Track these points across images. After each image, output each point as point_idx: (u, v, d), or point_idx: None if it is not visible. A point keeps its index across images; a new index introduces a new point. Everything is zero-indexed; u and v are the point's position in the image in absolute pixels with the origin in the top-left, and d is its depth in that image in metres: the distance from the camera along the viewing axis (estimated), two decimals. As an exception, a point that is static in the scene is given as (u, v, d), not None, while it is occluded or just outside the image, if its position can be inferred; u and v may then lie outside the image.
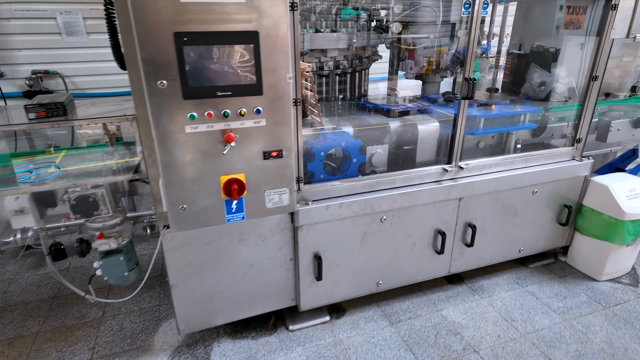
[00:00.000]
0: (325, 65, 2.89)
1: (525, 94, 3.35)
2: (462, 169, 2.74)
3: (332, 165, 2.72)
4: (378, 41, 3.36)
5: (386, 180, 2.59)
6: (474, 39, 2.44)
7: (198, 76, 1.67)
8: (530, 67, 3.35)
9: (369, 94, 3.51)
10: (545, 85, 3.25)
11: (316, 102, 2.89)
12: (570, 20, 3.22)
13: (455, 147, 2.69)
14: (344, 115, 2.96)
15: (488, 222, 2.98)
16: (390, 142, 2.85)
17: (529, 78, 3.33)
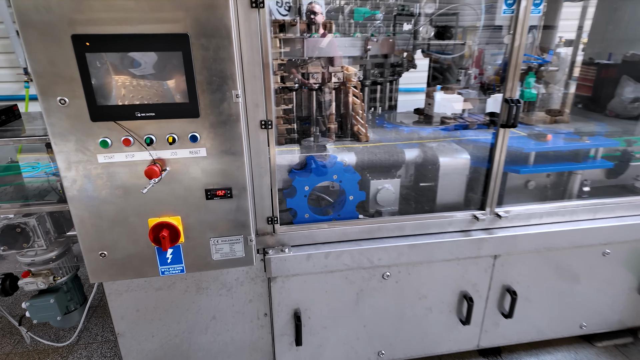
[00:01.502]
0: (333, 76, 2.40)
1: (614, 111, 2.73)
2: (500, 217, 2.07)
3: (328, 200, 2.20)
4: (409, 47, 2.79)
5: (391, 226, 2.01)
6: (520, 48, 1.78)
7: (108, 92, 1.28)
8: (622, 79, 2.73)
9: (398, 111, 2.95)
10: (639, 101, 2.61)
11: (363, 112, 2.38)
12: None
13: (490, 188, 2.03)
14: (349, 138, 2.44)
15: (535, 288, 2.24)
16: (405, 175, 2.26)
17: (619, 93, 2.71)
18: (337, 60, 2.36)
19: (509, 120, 1.86)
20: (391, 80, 2.84)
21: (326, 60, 2.37)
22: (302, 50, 2.25)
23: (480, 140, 2.24)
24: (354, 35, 2.43)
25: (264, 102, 1.63)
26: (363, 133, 2.42)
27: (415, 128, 2.47)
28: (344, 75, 2.44)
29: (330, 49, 2.32)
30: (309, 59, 2.39)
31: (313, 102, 2.52)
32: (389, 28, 2.79)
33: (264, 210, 1.83)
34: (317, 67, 2.38)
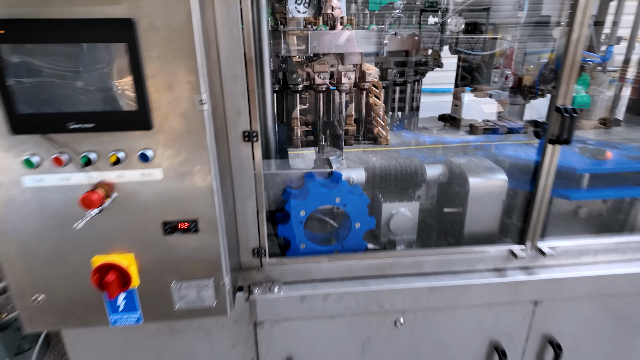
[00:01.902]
0: (343, 77, 2.05)
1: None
2: (544, 254, 1.66)
3: (333, 225, 1.85)
4: (434, 44, 2.41)
5: (407, 263, 1.64)
6: (578, 42, 1.38)
7: (32, 96, 0.97)
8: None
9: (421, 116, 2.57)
10: None
11: (384, 114, 2.11)
12: None
13: (533, 218, 1.62)
14: (361, 147, 2.08)
15: (584, 341, 1.82)
16: (426, 196, 1.88)
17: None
18: (350, 57, 2.01)
19: (561, 134, 1.46)
20: (413, 80, 2.46)
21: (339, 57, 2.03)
22: (306, 45, 1.91)
23: (520, 156, 1.84)
24: (368, 27, 2.07)
25: (247, 108, 1.29)
26: (383, 136, 2.11)
27: (440, 138, 2.08)
28: (356, 75, 2.09)
29: (344, 44, 1.96)
30: (315, 56, 2.05)
31: (320, 105, 2.18)
32: (410, 19, 2.41)
33: (248, 240, 1.49)
34: (324, 65, 2.03)
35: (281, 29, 1.88)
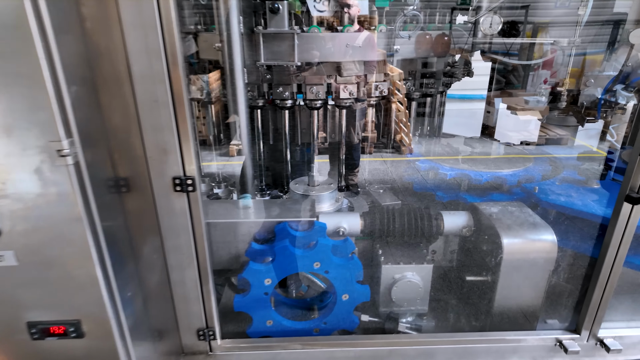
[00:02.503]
0: (342, 90, 1.62)
1: None
2: (608, 348, 1.17)
3: (321, 286, 1.42)
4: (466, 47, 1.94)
5: (412, 353, 1.19)
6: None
7: None
8: None
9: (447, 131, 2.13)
10: None
11: (407, 121, 1.91)
12: None
13: (593, 298, 1.14)
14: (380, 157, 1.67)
15: None
16: (443, 254, 1.43)
17: None
18: (350, 67, 1.58)
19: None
20: (434, 93, 2.01)
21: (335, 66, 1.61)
22: (292, 51, 1.49)
23: (574, 203, 1.35)
24: (377, 28, 1.62)
25: (178, 145, 0.89)
26: (407, 144, 1.95)
27: (463, 171, 1.62)
28: (359, 88, 1.67)
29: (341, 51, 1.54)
30: (308, 65, 1.64)
31: (315, 123, 1.77)
32: (431, 18, 1.95)
33: (190, 318, 1.10)
34: (318, 76, 1.61)
35: (259, 30, 1.46)
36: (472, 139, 2.03)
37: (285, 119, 1.70)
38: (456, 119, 2.29)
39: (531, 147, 1.97)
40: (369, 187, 1.84)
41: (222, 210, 1.24)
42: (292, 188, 1.54)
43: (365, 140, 1.99)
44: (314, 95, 1.62)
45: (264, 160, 1.87)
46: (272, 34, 1.46)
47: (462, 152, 2.04)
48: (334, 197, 1.53)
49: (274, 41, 1.48)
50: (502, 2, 1.62)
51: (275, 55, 1.51)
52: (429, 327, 1.34)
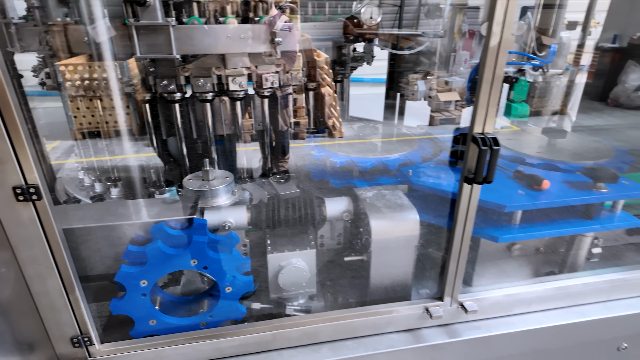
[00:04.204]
0: (231, 82, 1.61)
1: (616, 100, 2.51)
2: (466, 310, 1.34)
3: (209, 279, 1.45)
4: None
5: (296, 334, 1.27)
6: (500, 50, 1.01)
7: None
8: (626, 65, 2.47)
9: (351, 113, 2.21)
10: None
11: (335, 104, 1.85)
12: None
13: (451, 270, 1.29)
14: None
15: (518, 401, 1.54)
16: (331, 238, 1.51)
17: (623, 80, 2.46)
18: (235, 59, 1.57)
19: (478, 172, 1.10)
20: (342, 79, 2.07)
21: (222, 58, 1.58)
22: (169, 44, 1.45)
23: (442, 187, 1.49)
24: (260, 20, 1.62)
25: (13, 153, 0.85)
26: (338, 128, 1.89)
27: (352, 158, 1.71)
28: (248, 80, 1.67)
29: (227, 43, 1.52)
30: (193, 57, 1.60)
31: (209, 116, 1.74)
32: (321, 10, 1.98)
33: (62, 327, 1.08)
34: (205, 69, 1.59)
35: (131, 22, 1.40)
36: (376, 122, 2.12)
37: (176, 112, 1.66)
38: (360, 102, 2.38)
39: (423, 130, 2.10)
40: (272, 177, 1.87)
41: (92, 213, 1.21)
42: (185, 184, 1.53)
43: (297, 126, 2.00)
44: (202, 88, 1.60)
45: (163, 156, 1.82)
46: (145, 26, 1.41)
47: (370, 136, 2.14)
48: (230, 190, 1.54)
49: (149, 34, 1.43)
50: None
51: (153, 48, 1.46)
52: (317, 307, 1.42)
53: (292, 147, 1.89)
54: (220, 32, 1.46)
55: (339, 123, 1.92)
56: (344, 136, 2.02)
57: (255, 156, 1.87)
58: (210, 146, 1.75)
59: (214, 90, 1.61)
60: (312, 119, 2.12)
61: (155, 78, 1.60)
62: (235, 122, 1.77)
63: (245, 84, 1.66)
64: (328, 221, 1.45)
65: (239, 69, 1.61)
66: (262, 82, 1.65)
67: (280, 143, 1.92)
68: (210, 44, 1.49)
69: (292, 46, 1.64)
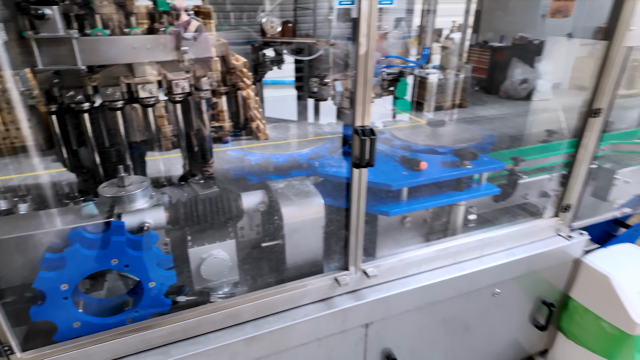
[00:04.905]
0: (141, 90, 1.67)
1: (506, 92, 2.90)
2: (369, 275, 1.58)
3: (132, 279, 1.52)
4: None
5: (219, 317, 1.41)
6: (368, 57, 1.24)
7: None
8: (512, 61, 2.83)
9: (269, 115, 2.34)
10: (527, 82, 2.72)
11: (258, 107, 1.90)
12: (557, 8, 2.41)
13: (352, 242, 1.52)
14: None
15: (420, 349, 1.84)
16: (250, 228, 1.66)
17: (510, 74, 2.81)
18: (142, 68, 1.64)
19: (362, 158, 1.33)
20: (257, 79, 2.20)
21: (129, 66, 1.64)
22: (73, 55, 1.48)
23: (342, 175, 1.71)
24: (165, 30, 1.71)
25: None
26: (262, 130, 1.93)
27: (268, 155, 1.87)
28: (159, 86, 1.74)
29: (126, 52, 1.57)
30: (100, 67, 1.64)
31: (120, 124, 1.78)
32: (239, 20, 2.11)
33: (-22, 340, 1.10)
34: (112, 78, 1.63)
35: (30, 35, 1.41)
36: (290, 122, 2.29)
37: (86, 122, 1.68)
38: (273, 104, 2.55)
39: (332, 127, 2.32)
40: (191, 179, 1.95)
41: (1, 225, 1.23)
42: (100, 192, 1.56)
43: (220, 130, 2.04)
44: (111, 97, 1.65)
45: (73, 167, 1.82)
46: (46, 39, 1.43)
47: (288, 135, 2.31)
48: (147, 194, 1.61)
49: (51, 46, 1.45)
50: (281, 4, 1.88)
51: (56, 60, 1.48)
52: (241, 291, 1.56)
53: (217, 151, 1.96)
54: (127, 43, 1.52)
55: (263, 125, 1.98)
56: (269, 138, 2.12)
57: (179, 162, 1.92)
58: (124, 153, 1.79)
59: (124, 98, 1.65)
60: (236, 122, 2.20)
61: (61, 89, 1.61)
62: (149, 128, 1.83)
63: (156, 90, 1.74)
64: (246, 213, 1.60)
65: (147, 76, 1.68)
66: (173, 88, 1.73)
67: (202, 147, 1.99)
68: (117, 54, 1.55)
69: (206, 52, 1.75)
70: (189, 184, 1.91)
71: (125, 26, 1.65)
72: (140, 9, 1.75)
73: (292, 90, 2.57)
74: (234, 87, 1.96)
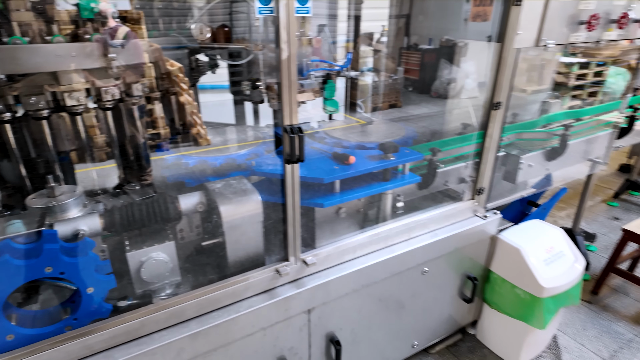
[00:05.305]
0: (68, 98, 1.64)
1: (436, 92, 3.08)
2: (308, 264, 1.69)
3: (69, 289, 1.50)
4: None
5: (163, 316, 1.44)
6: (290, 61, 1.35)
7: None
8: (440, 63, 3.06)
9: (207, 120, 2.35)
10: (455, 82, 2.87)
11: (197, 112, 1.87)
12: (477, 12, 2.60)
13: (290, 233, 1.62)
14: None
15: (361, 328, 1.98)
16: (190, 230, 1.70)
17: (439, 75, 3.04)
18: (68, 76, 1.62)
19: (292, 154, 1.44)
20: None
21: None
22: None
23: (277, 172, 1.81)
24: (91, 37, 1.70)
25: None
26: (204, 136, 1.89)
27: (204, 158, 1.91)
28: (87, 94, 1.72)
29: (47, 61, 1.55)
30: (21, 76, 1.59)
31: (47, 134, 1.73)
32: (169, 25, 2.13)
33: None
34: (35, 87, 1.59)
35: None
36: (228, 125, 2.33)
37: (8, 133, 1.62)
38: (211, 109, 2.58)
39: (270, 128, 2.41)
40: (127, 186, 1.94)
41: None
42: (29, 204, 1.52)
43: (157, 137, 2.00)
44: (35, 106, 1.61)
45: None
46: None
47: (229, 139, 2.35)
48: (80, 203, 1.59)
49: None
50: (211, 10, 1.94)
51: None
52: (184, 291, 1.60)
53: (156, 159, 1.95)
54: (49, 51, 1.50)
55: (204, 130, 1.99)
56: (211, 143, 2.13)
57: (115, 172, 1.88)
58: (52, 164, 1.75)
59: (49, 107, 1.62)
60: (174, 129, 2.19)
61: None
62: (79, 137, 1.80)
63: (84, 98, 1.72)
64: (185, 215, 1.64)
65: (74, 84, 1.66)
66: (102, 95, 1.72)
67: (137, 156, 1.96)
68: (39, 63, 1.52)
69: (136, 58, 1.75)
70: (124, 191, 1.91)
71: (46, 34, 1.62)
72: (62, 16, 1.73)
73: (228, 95, 2.62)
74: (169, 92, 1.97)
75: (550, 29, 1.95)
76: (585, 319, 2.89)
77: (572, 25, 2.06)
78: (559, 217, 4.19)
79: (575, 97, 7.24)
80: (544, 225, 2.49)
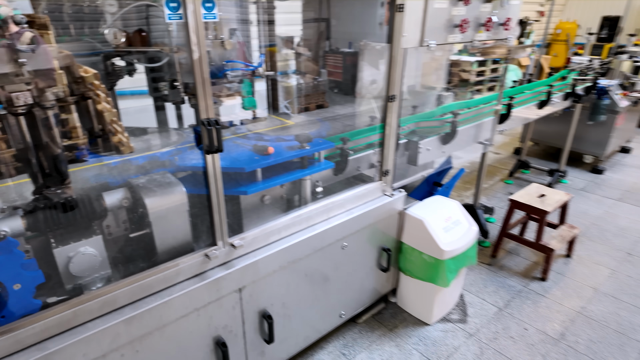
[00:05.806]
0: None
1: (359, 92, 3.21)
2: (235, 247, 1.85)
3: None
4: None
5: (95, 306, 1.51)
6: (201, 61, 1.52)
7: None
8: (360, 65, 3.19)
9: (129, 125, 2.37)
10: (376, 82, 3.04)
11: (117, 120, 1.82)
12: (388, 17, 2.95)
13: (216, 220, 1.77)
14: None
15: (290, 302, 2.19)
16: (117, 225, 1.77)
17: (361, 77, 3.19)
18: None
19: (211, 145, 1.60)
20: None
21: None
22: None
23: (200, 165, 1.95)
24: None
25: None
26: (126, 144, 1.84)
27: (124, 157, 1.98)
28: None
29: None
30: None
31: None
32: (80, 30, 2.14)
33: None
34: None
35: None
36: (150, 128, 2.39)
37: None
38: (132, 115, 2.61)
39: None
40: (46, 190, 1.93)
41: None
42: None
43: (75, 148, 1.96)
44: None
45: None
46: None
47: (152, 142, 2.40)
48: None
49: None
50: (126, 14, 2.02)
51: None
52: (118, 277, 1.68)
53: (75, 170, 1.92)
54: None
55: (126, 138, 1.94)
56: (134, 150, 2.14)
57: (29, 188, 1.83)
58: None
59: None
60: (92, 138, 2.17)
61: None
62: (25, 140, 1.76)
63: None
64: (110, 210, 1.71)
65: None
66: (13, 101, 1.72)
67: (54, 169, 1.91)
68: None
69: (46, 63, 1.76)
70: (45, 196, 1.90)
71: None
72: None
73: (149, 100, 2.67)
74: (84, 98, 1.96)
75: (431, 32, 2.33)
76: (486, 279, 3.39)
77: (449, 28, 2.48)
78: (465, 196, 4.78)
79: (478, 91, 8.14)
80: (443, 199, 2.91)
